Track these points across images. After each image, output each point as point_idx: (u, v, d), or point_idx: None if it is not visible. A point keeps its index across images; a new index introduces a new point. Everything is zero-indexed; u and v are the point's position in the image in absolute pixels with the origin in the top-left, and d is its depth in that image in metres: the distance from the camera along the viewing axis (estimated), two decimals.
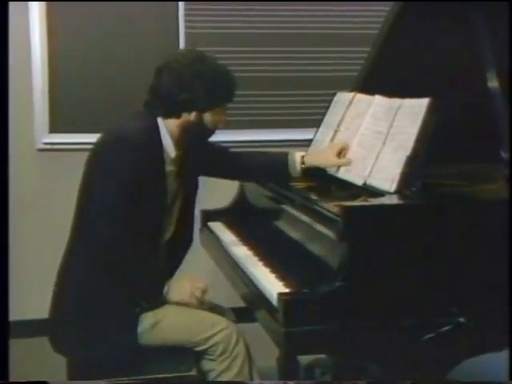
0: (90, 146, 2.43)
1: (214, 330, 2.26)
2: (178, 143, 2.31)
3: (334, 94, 2.77)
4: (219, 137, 2.44)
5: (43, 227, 3.73)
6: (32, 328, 3.52)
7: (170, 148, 2.30)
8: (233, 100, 2.36)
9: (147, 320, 2.23)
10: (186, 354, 2.28)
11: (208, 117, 2.29)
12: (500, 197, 2.05)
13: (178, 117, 2.27)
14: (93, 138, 2.38)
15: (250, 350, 2.35)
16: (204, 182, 3.77)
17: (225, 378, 2.27)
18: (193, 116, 2.27)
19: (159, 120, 2.28)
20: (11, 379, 2.03)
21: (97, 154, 2.27)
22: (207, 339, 2.26)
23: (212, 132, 2.37)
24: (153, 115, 2.28)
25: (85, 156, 2.46)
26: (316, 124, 2.81)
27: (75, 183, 2.40)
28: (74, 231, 2.31)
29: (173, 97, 2.23)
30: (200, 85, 2.22)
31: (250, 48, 3.86)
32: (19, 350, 3.08)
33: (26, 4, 3.60)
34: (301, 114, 3.88)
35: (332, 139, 2.59)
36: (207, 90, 2.23)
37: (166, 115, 2.27)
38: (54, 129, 3.71)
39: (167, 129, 2.28)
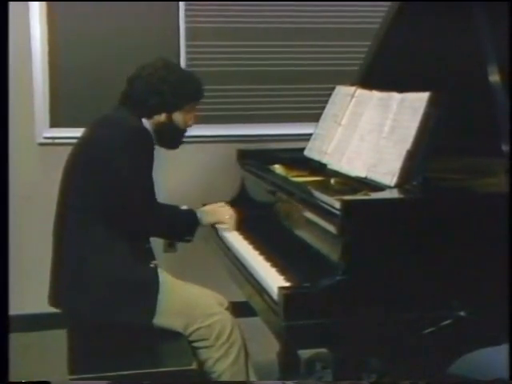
0: None
1: (212, 310, 2.37)
2: (156, 140, 2.53)
3: (335, 88, 2.77)
4: (222, 131, 2.45)
5: (44, 221, 3.72)
6: (32, 322, 3.53)
7: (153, 139, 2.50)
8: (201, 100, 2.60)
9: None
10: (184, 347, 2.30)
11: (178, 116, 2.54)
12: (501, 191, 2.05)
13: (150, 118, 2.51)
14: None
15: (245, 341, 2.38)
16: (205, 177, 3.79)
17: (221, 366, 2.32)
18: (163, 117, 2.52)
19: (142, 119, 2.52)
20: (11, 376, 2.02)
21: (112, 146, 2.38)
22: (207, 315, 2.34)
23: (183, 131, 2.59)
24: (132, 114, 2.49)
25: None
26: (316, 118, 2.81)
27: None
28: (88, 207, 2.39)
29: (143, 102, 2.47)
30: (166, 89, 2.48)
31: (250, 42, 3.85)
32: (19, 344, 3.08)
33: None
34: (301, 107, 3.87)
35: (335, 134, 2.59)
36: (174, 93, 2.49)
37: (140, 116, 2.49)
38: (54, 123, 3.71)
39: (148, 126, 2.51)
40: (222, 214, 2.67)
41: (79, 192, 2.41)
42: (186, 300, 2.39)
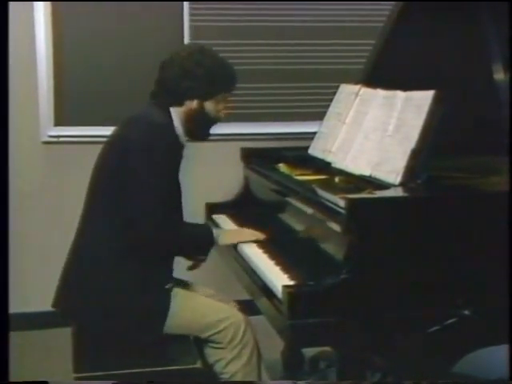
0: (96, 139, 2.43)
1: (225, 314, 2.33)
2: (186, 131, 2.44)
3: (339, 87, 2.77)
4: (226, 130, 2.45)
5: (48, 219, 3.74)
6: (33, 320, 3.54)
7: (182, 137, 2.42)
8: (233, 91, 2.47)
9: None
10: (189, 346, 2.30)
11: (210, 105, 2.41)
12: (505, 189, 2.04)
13: (181, 104, 2.39)
14: (98, 130, 2.38)
15: (257, 342, 2.37)
16: (208, 175, 3.78)
17: (234, 366, 2.29)
18: (195, 104, 2.39)
19: (171, 110, 2.39)
20: (11, 376, 2.01)
21: (131, 146, 2.27)
22: (219, 321, 2.30)
23: (214, 121, 2.47)
24: (161, 106, 2.39)
25: (90, 148, 2.46)
26: (320, 117, 2.81)
27: (80, 176, 2.40)
28: (99, 218, 2.32)
29: (176, 85, 2.36)
30: (201, 73, 2.35)
31: (254, 41, 3.85)
32: (20, 343, 3.08)
33: None
34: (306, 106, 3.87)
35: (340, 132, 2.59)
36: (207, 78, 2.36)
37: (171, 104, 2.39)
38: (59, 122, 3.71)
39: (177, 117, 2.40)
40: (244, 236, 2.51)
41: (99, 197, 2.34)
42: (198, 310, 2.34)
